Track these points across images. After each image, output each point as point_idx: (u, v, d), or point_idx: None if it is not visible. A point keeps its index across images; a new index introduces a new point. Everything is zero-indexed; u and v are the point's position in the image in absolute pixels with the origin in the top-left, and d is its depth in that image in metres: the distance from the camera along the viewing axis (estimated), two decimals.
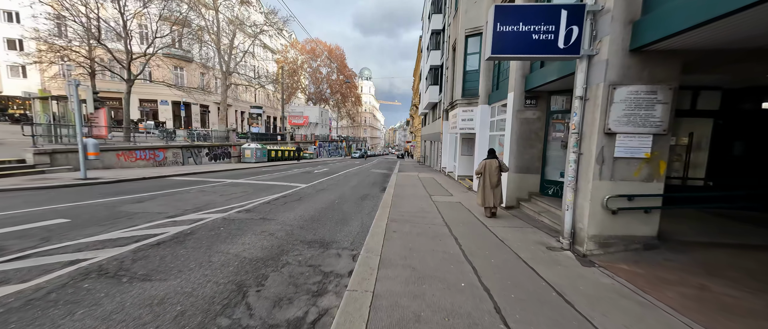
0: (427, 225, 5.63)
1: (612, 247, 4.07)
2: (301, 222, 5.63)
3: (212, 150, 18.36)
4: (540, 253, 4.25)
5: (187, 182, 10.36)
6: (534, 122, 7.04)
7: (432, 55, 21.97)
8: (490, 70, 9.67)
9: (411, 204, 7.61)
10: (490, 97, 9.71)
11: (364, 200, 8.60)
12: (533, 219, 6.20)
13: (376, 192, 10.09)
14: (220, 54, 24.05)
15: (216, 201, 7.20)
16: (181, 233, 4.55)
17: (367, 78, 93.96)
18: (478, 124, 10.08)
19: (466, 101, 10.58)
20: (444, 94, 18.54)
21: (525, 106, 7.01)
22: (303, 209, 6.84)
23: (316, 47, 45.56)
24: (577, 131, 4.22)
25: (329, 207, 7.22)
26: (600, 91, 3.91)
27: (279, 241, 4.48)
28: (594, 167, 3.98)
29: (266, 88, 36.06)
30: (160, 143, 15.24)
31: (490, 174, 6.03)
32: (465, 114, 10.69)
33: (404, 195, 8.98)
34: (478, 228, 5.49)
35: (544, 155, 7.10)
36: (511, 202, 7.28)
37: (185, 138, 19.42)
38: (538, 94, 6.92)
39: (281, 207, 6.91)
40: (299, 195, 8.73)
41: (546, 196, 7.04)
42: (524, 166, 7.16)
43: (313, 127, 43.00)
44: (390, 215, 6.34)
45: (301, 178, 13.14)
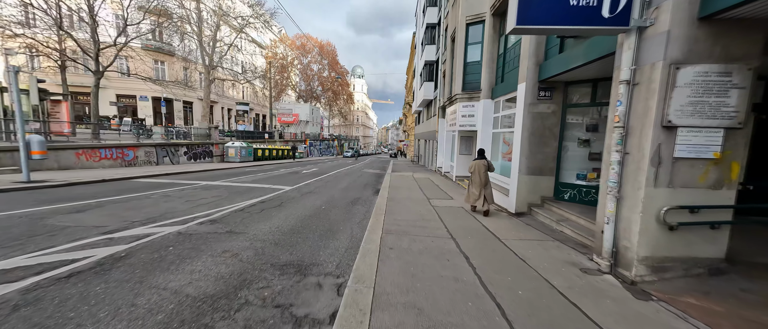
0: (429, 237, 4.70)
1: (669, 272, 3.21)
2: (277, 237, 4.62)
3: (191, 148, 17.03)
4: (575, 279, 3.36)
5: (154, 185, 9.17)
6: (548, 117, 6.19)
7: (427, 51, 21.10)
8: (494, 61, 8.82)
9: (408, 210, 6.68)
10: (493, 91, 8.86)
11: (354, 205, 7.62)
12: (550, 229, 5.34)
13: (369, 196, 9.12)
14: (202, 47, 22.62)
15: (178, 209, 6.09)
16: (111, 257, 3.47)
17: (359, 76, 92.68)
18: (480, 121, 9.21)
19: (467, 96, 9.71)
20: (440, 90, 17.69)
21: (538, 99, 6.15)
22: (282, 218, 5.81)
23: (307, 43, 44.16)
24: (622, 124, 3.34)
25: (314, 215, 6.22)
26: (656, 73, 3.04)
27: (242, 266, 3.46)
28: (647, 170, 3.11)
29: (253, 83, 34.55)
30: (131, 141, 13.87)
31: (479, 175, 6.28)
32: (465, 110, 9.82)
33: (400, 199, 8.05)
34: (490, 242, 4.59)
35: (558, 155, 6.26)
36: (521, 208, 6.42)
37: (163, 135, 18.01)
38: (553, 85, 6.06)
39: (256, 215, 5.87)
40: (281, 199, 7.68)
41: (561, 201, 6.20)
42: (537, 167, 6.30)
43: (303, 125, 41.66)
44: (385, 225, 5.38)
45: (287, 180, 12.05)
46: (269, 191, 8.86)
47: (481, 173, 6.25)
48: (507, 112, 8.11)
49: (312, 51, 45.40)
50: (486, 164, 6.30)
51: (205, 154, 18.04)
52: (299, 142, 34.68)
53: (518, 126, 6.44)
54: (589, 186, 5.96)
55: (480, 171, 6.26)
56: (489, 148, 9.14)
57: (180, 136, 18.66)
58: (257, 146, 22.73)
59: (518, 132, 6.42)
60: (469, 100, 9.77)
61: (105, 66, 16.23)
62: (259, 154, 22.55)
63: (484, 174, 6.26)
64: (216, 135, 19.12)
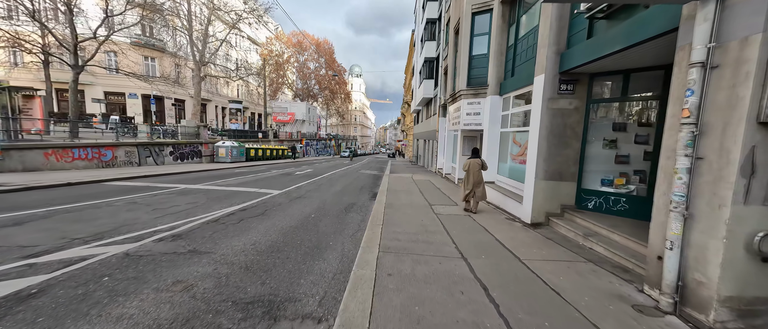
0: (436, 257, 3.89)
1: (760, 318, 2.42)
2: (251, 258, 3.78)
3: (178, 148, 16.10)
4: (631, 322, 2.56)
5: (125, 189, 8.28)
6: (570, 114, 5.40)
7: (426, 47, 20.31)
8: (503, 54, 8.02)
9: (408, 220, 5.87)
10: (502, 86, 8.07)
11: (348, 212, 6.80)
12: (577, 246, 4.55)
13: (365, 201, 8.30)
14: (193, 42, 21.65)
15: (139, 220, 5.22)
16: (14, 297, 2.62)
17: (357, 75, 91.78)
18: (487, 119, 8.42)
19: (473, 92, 8.91)
20: (440, 88, 16.90)
21: (559, 94, 5.36)
22: (262, 230, 4.97)
23: (304, 40, 43.22)
24: (694, 120, 2.54)
25: (301, 226, 5.38)
26: (751, 50, 2.24)
27: (193, 306, 2.63)
28: (734, 182, 2.32)
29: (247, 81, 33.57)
30: (108, 140, 12.92)
31: (473, 173, 6.41)
32: (470, 107, 9.03)
33: (399, 205, 7.23)
34: (510, 264, 3.78)
35: (581, 157, 5.47)
36: (538, 217, 5.62)
37: (148, 134, 17.06)
38: (576, 77, 5.27)
39: (232, 228, 5.02)
40: (265, 206, 6.83)
41: (585, 211, 5.41)
42: (556, 171, 5.51)
43: (299, 124, 40.74)
44: (382, 240, 4.57)
45: (277, 182, 11.19)
46: (254, 196, 8.00)
47: (474, 172, 6.43)
48: (518, 109, 7.32)
49: (309, 49, 44.45)
50: (480, 163, 6.49)
51: (194, 154, 17.11)
52: (295, 142, 33.76)
53: (535, 124, 5.64)
54: (617, 193, 5.18)
55: (474, 170, 6.43)
56: (496, 149, 8.36)
57: (167, 135, 17.72)
58: (250, 146, 21.82)
59: (535, 131, 5.63)
60: (475, 97, 8.97)
61: (86, 60, 15.24)
62: (251, 154, 21.64)
63: (478, 172, 6.44)
64: (205, 134, 18.18)
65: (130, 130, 16.80)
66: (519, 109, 7.26)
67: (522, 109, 7.09)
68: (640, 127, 5.08)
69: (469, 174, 6.49)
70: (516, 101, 7.45)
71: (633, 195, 5.08)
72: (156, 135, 17.97)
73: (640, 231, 4.18)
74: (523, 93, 6.97)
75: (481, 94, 8.82)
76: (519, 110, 7.26)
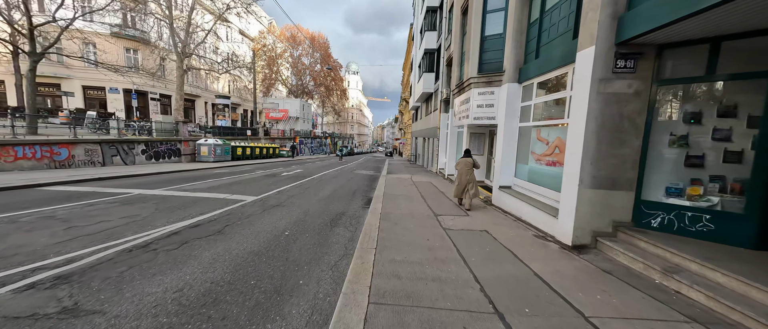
0: (456, 314, 2.50)
1: None
2: (160, 323, 2.35)
3: (152, 146, 14.52)
4: None
5: (58, 197, 6.76)
6: (628, 100, 4.02)
7: (427, 38, 18.88)
8: (523, 33, 6.62)
9: (410, 238, 4.48)
10: (522, 72, 6.68)
11: (335, 227, 5.39)
12: (654, 287, 3.17)
13: (357, 209, 6.90)
14: (174, 30, 20.01)
15: (29, 246, 3.69)
16: None
17: (354, 72, 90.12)
18: (502, 111, 7.04)
19: (485, 80, 7.51)
20: (442, 81, 15.51)
21: (615, 72, 3.98)
22: (205, 262, 3.54)
23: (298, 34, 41.52)
24: None
25: (264, 253, 3.96)
26: None
27: None
28: None
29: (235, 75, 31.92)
30: (64, 137, 11.33)
31: (465, 173, 6.65)
32: (482, 97, 7.64)
33: (397, 216, 5.84)
34: (572, 323, 2.40)
35: (642, 158, 4.10)
36: (582, 238, 4.25)
37: (121, 130, 15.48)
38: (639, 50, 3.89)
39: (161, 258, 3.58)
40: (227, 220, 5.39)
41: (648, 231, 4.05)
42: (607, 178, 4.14)
43: (293, 121, 39.15)
44: (375, 276, 3.17)
45: (257, 185, 9.73)
46: (220, 204, 6.55)
47: (467, 171, 6.68)
48: (544, 98, 5.94)
49: (303, 43, 42.75)
50: (471, 162, 6.74)
51: (171, 152, 15.54)
52: (288, 140, 32.21)
53: (578, 115, 4.25)
54: (696, 208, 3.81)
55: (465, 169, 6.69)
56: (514, 147, 6.98)
57: (144, 132, 16.15)
58: (237, 144, 20.26)
59: (578, 124, 4.24)
60: (488, 85, 7.57)
61: (46, 47, 13.60)
62: (238, 153, 20.10)
63: (470, 171, 6.69)
64: (184, 130, 16.59)
65: (101, 127, 15.19)
66: (545, 97, 5.87)
67: (550, 97, 5.71)
68: (719, 119, 3.73)
69: (461, 173, 6.76)
70: (541, 89, 6.07)
71: (717, 209, 3.72)
72: (131, 131, 16.40)
73: (756, 268, 2.82)
74: (552, 78, 5.59)
75: (495, 82, 7.42)
76: (545, 99, 5.87)
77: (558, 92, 5.38)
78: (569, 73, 4.98)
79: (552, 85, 5.66)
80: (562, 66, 5.11)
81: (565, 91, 5.10)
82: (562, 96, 5.20)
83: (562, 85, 5.25)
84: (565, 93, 5.09)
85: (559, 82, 5.37)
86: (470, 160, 6.81)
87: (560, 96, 5.26)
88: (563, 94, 5.13)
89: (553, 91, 5.62)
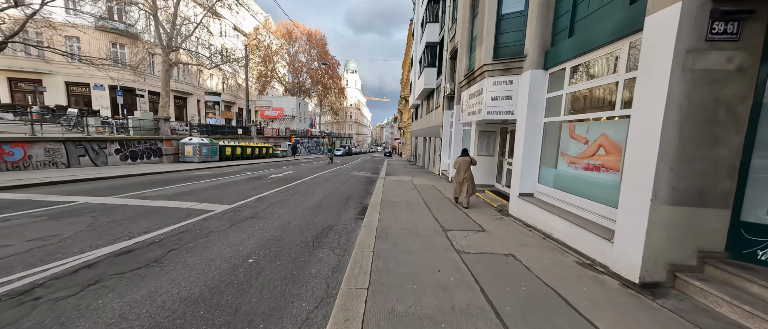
0: None
1: None
2: None
3: (127, 145, 13.25)
4: None
5: None
6: (728, 81, 2.84)
7: (428, 30, 17.70)
8: (550, 7, 5.43)
9: (416, 270, 3.29)
10: (549, 56, 5.49)
11: (317, 249, 4.19)
12: None
13: (349, 221, 5.70)
14: (158, 21, 18.73)
15: None
16: None
17: (352, 71, 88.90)
18: (524, 103, 5.86)
19: (502, 67, 6.32)
20: (445, 75, 14.34)
21: (708, 40, 2.79)
22: (103, 322, 2.33)
23: (294, 30, 40.25)
24: None
25: (207, 297, 2.76)
26: None
27: None
28: None
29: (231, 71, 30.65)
30: (19, 135, 10.05)
31: (464, 170, 6.74)
32: (497, 88, 6.45)
33: (397, 233, 4.64)
34: None
35: (744, 162, 2.91)
36: (654, 273, 3.06)
37: (98, 128, 14.25)
38: (747, 7, 2.71)
39: (41, 311, 2.37)
40: (179, 240, 4.17)
41: (754, 266, 2.86)
42: (692, 190, 2.96)
43: (288, 120, 37.89)
44: None
45: (236, 190, 8.52)
46: (178, 217, 5.33)
47: (464, 169, 6.73)
48: (581, 85, 4.75)
49: (299, 40, 41.47)
50: (469, 160, 6.77)
51: (150, 152, 14.28)
52: (282, 139, 30.96)
53: (653, 103, 3.06)
54: None
55: (464, 167, 6.74)
56: (537, 147, 5.80)
57: (122, 130, 14.89)
58: (226, 143, 19.01)
59: (652, 115, 3.05)
60: (504, 73, 6.38)
61: (7, 36, 12.31)
62: (227, 153, 18.85)
63: (468, 169, 6.74)
64: (166, 128, 15.32)
65: (73, 123, 13.92)
66: (584, 85, 4.68)
67: (591, 84, 4.52)
68: None
69: (460, 171, 6.85)
70: (577, 74, 4.88)
71: None
72: (109, 129, 15.14)
73: None
74: (596, 59, 4.40)
75: (513, 69, 6.24)
76: (584, 87, 4.69)
77: (604, 77, 4.19)
78: (623, 50, 3.80)
79: (595, 68, 4.47)
80: (613, 41, 3.93)
81: (615, 74, 3.92)
82: (610, 81, 4.02)
83: (611, 67, 4.07)
84: (615, 77, 3.91)
85: (607, 63, 4.18)
86: (468, 158, 6.85)
87: (608, 82, 4.07)
88: (613, 79, 3.95)
89: (596, 77, 4.43)
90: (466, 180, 6.72)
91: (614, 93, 3.96)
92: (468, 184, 6.71)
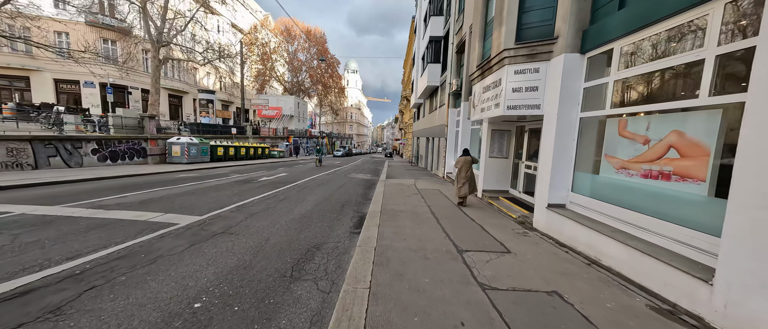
0: None
1: None
2: None
3: (107, 145, 12.24)
4: None
5: None
6: None
7: (432, 24, 16.68)
8: None
9: (431, 318, 2.26)
10: (588, 36, 4.45)
11: (296, 281, 3.16)
12: None
13: (341, 238, 4.65)
14: (146, 14, 17.77)
15: None
16: None
17: (353, 71, 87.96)
18: (555, 96, 4.82)
19: (526, 52, 5.27)
20: (451, 70, 13.31)
21: None
22: None
23: (293, 27, 39.29)
24: None
25: None
26: None
27: None
28: None
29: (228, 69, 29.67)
30: None
31: (465, 171, 6.83)
32: (521, 78, 5.41)
33: (402, 254, 3.60)
34: None
35: None
36: None
37: (78, 126, 13.26)
38: None
39: None
40: (109, 272, 3.14)
41: None
42: None
43: (286, 120, 36.91)
44: None
45: (215, 197, 7.49)
46: (126, 235, 4.29)
47: (465, 169, 6.83)
48: (635, 70, 3.70)
49: (298, 38, 40.50)
50: (470, 160, 6.91)
51: (133, 152, 13.26)
52: (279, 139, 29.95)
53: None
54: None
55: (466, 167, 6.84)
56: (572, 146, 4.76)
57: (104, 129, 13.90)
58: (218, 143, 17.99)
59: None
60: (529, 60, 5.34)
61: None
62: (219, 153, 17.84)
63: (468, 169, 6.84)
64: (151, 127, 14.32)
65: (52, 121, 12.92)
66: (643, 68, 3.63)
67: (657, 65, 3.47)
68: None
69: (461, 170, 6.85)
70: (630, 56, 3.84)
71: None
72: (92, 127, 14.15)
73: None
74: (658, 34, 3.36)
75: (540, 54, 5.19)
76: (643, 71, 3.64)
77: (680, 55, 3.14)
78: (714, 14, 2.77)
79: (660, 46, 3.43)
80: (694, 6, 2.89)
81: (700, 50, 2.87)
82: (689, 60, 2.97)
83: (691, 41, 3.03)
84: (699, 53, 2.87)
85: (682, 36, 3.14)
86: (469, 158, 6.94)
87: (686, 60, 3.02)
88: (695, 56, 2.91)
89: (665, 57, 3.38)
90: (467, 180, 6.83)
91: (696, 75, 2.92)
92: (469, 184, 6.85)
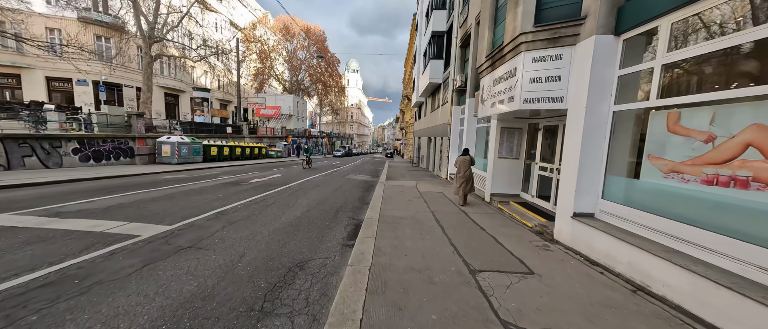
0: None
1: None
2: None
3: (90, 144, 11.56)
4: None
5: None
6: None
7: (434, 18, 15.97)
8: None
9: None
10: (625, 14, 3.73)
11: (263, 320, 2.43)
12: None
13: (331, 253, 3.93)
14: (138, 9, 17.11)
15: None
16: None
17: (354, 70, 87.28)
18: (583, 86, 4.10)
19: (547, 35, 4.54)
20: (454, 67, 12.59)
21: None
22: None
23: (292, 25, 38.61)
24: None
25: None
26: None
27: None
28: None
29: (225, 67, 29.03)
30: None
31: (464, 170, 6.90)
32: (541, 66, 4.69)
33: (402, 276, 2.87)
34: None
35: None
36: None
37: (62, 125, 12.60)
38: None
39: None
40: (20, 306, 2.44)
41: None
42: None
43: (285, 119, 36.24)
44: None
45: (195, 201, 6.79)
46: (74, 250, 3.59)
47: (465, 168, 6.88)
48: (690, 51, 2.97)
49: (297, 36, 39.81)
50: (469, 160, 6.94)
51: (119, 152, 12.57)
52: (277, 139, 29.27)
53: None
54: None
55: (465, 167, 6.89)
56: (603, 146, 4.04)
57: (90, 127, 13.23)
58: (211, 143, 17.32)
59: None
60: (551, 45, 4.61)
61: None
62: (212, 153, 17.16)
63: (467, 168, 6.88)
64: (139, 125, 13.63)
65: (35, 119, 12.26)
66: (703, 47, 2.90)
67: (721, 44, 2.74)
68: None
69: (460, 170, 6.92)
70: (681, 36, 3.11)
71: None
72: (77, 126, 13.48)
73: None
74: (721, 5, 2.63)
75: (564, 37, 4.46)
76: (702, 51, 2.90)
77: (760, 27, 2.41)
78: None
79: (723, 20, 2.70)
80: None
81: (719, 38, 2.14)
82: (717, 47, 2.24)
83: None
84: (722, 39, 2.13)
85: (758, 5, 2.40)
86: (468, 157, 6.97)
87: (674, 57, 2.29)
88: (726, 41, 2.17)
89: (734, 32, 2.65)
90: (465, 179, 6.87)
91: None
92: (469, 184, 6.90)
